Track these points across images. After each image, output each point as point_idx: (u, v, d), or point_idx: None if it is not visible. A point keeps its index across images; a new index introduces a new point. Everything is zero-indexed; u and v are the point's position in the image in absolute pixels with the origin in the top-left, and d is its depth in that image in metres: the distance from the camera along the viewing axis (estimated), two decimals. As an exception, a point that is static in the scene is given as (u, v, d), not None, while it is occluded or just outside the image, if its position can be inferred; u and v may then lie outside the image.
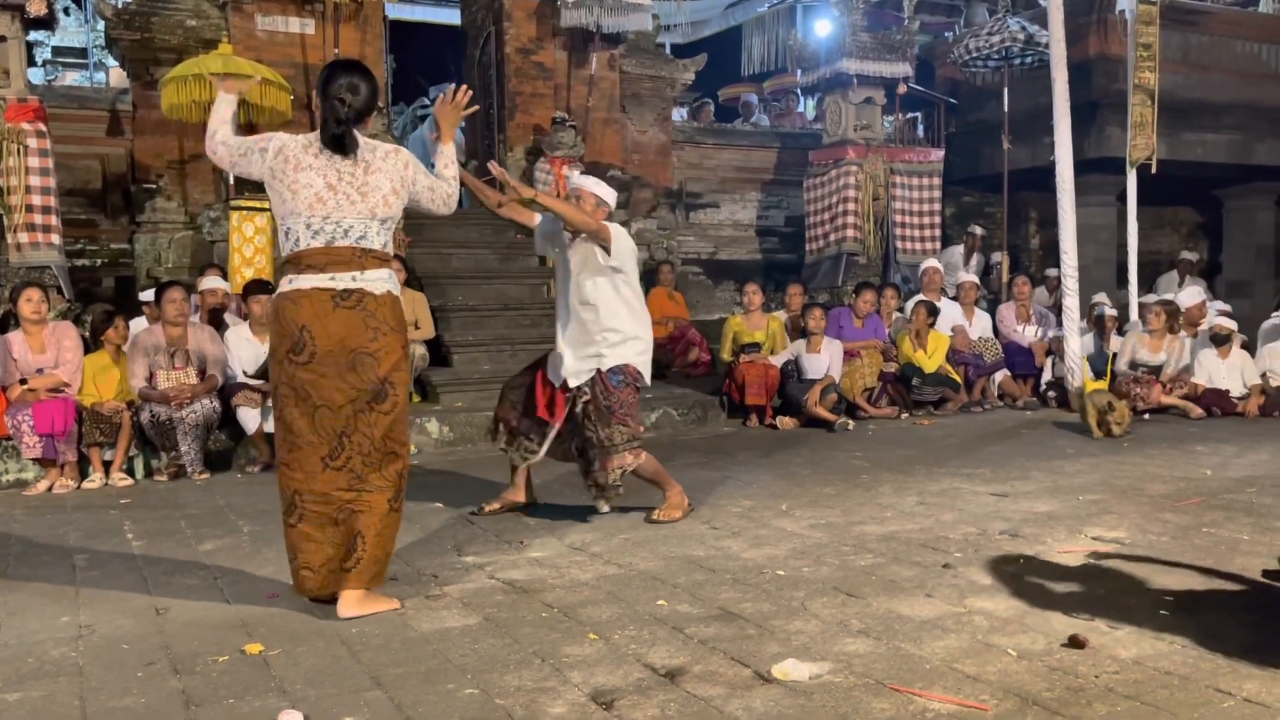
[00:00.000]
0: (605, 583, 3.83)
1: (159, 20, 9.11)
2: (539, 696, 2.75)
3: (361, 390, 3.37)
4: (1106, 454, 6.60)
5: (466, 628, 3.34)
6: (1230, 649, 3.00)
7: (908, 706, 2.64)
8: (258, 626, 3.35)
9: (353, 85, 3.43)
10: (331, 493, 3.39)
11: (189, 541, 4.69)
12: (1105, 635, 3.13)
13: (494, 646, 3.15)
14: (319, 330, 3.33)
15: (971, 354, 9.16)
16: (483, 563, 4.15)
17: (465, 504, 5.22)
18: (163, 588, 3.89)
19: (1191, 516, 4.75)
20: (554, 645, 3.14)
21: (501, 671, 2.93)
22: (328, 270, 3.37)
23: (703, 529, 4.70)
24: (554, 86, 10.80)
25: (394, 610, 3.50)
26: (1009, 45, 10.99)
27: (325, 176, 3.39)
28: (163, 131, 9.10)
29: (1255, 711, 2.57)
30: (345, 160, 3.41)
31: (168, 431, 6.26)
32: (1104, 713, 2.58)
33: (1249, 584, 3.67)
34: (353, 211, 3.40)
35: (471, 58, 11.49)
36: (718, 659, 3.00)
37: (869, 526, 4.68)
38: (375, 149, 3.51)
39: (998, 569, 3.91)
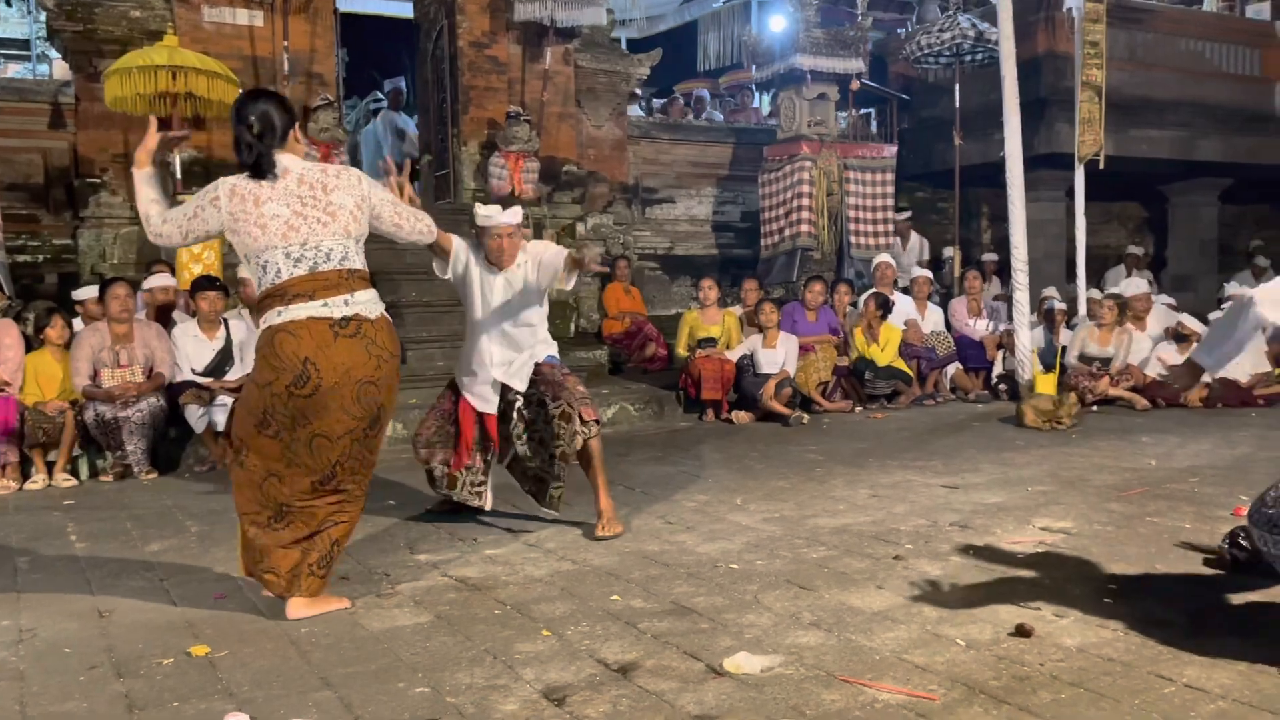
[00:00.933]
0: (559, 579, 3.83)
1: (102, 11, 8.93)
2: (490, 694, 2.74)
3: (361, 420, 3.36)
4: (1055, 446, 6.70)
5: (418, 626, 3.32)
6: (1171, 636, 3.06)
7: (857, 697, 2.66)
8: (204, 628, 3.31)
9: (263, 112, 3.35)
10: (320, 507, 3.42)
11: (135, 543, 4.61)
12: (1051, 624, 3.18)
13: (446, 644, 3.14)
14: (324, 362, 3.25)
15: (924, 348, 9.25)
16: (435, 560, 4.13)
17: (419, 502, 5.19)
18: (107, 590, 3.83)
19: (1136, 506, 4.83)
20: (506, 642, 3.14)
21: (453, 669, 2.92)
22: (318, 297, 3.29)
23: (657, 524, 4.72)
24: (508, 81, 10.74)
25: (344, 609, 3.47)
26: (960, 42, 11.10)
27: (289, 205, 3.31)
28: (107, 125, 8.93)
29: (1195, 697, 2.62)
30: (302, 186, 3.34)
31: (113, 431, 6.15)
32: (1048, 700, 2.62)
33: (1190, 572, 3.73)
34: (328, 234, 3.34)
35: (424, 51, 11.39)
36: (670, 653, 3.01)
37: (822, 519, 4.72)
38: (326, 169, 3.47)
39: (948, 560, 3.96)
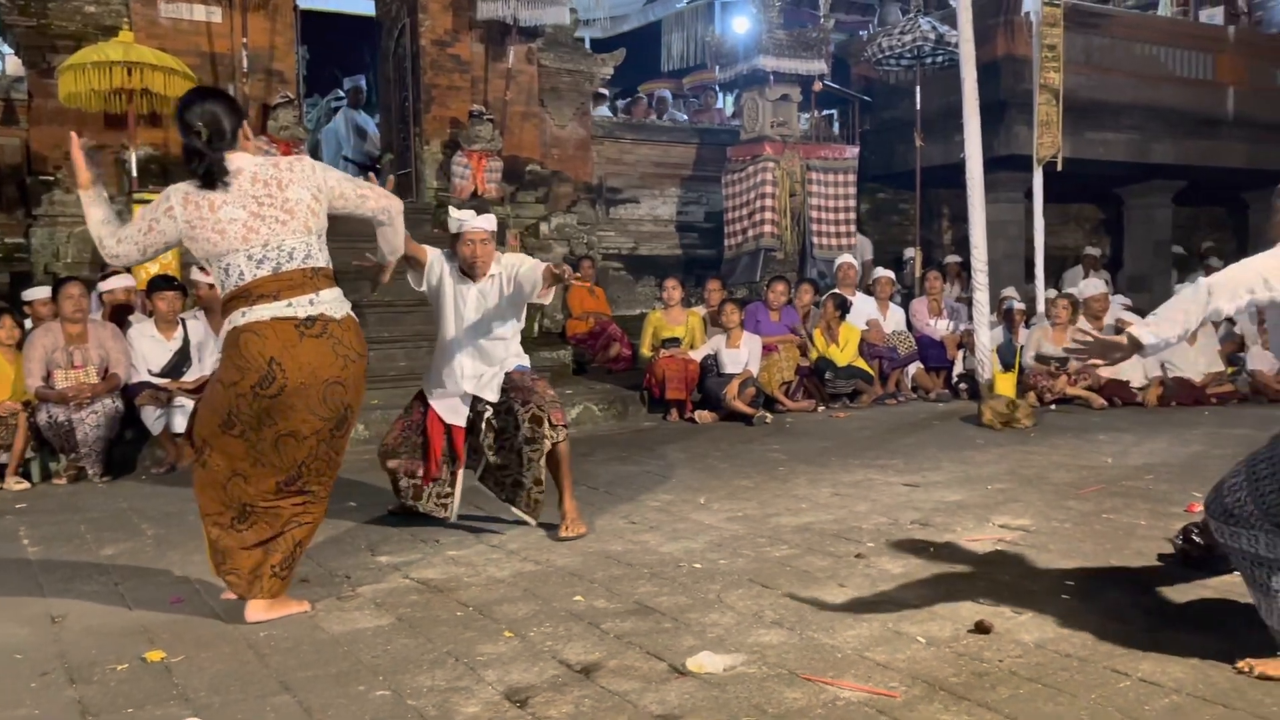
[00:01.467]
0: (522, 580, 3.81)
1: (56, 6, 8.78)
2: (452, 696, 2.72)
3: (328, 420, 3.31)
4: (1014, 444, 6.77)
5: (379, 628, 3.29)
6: (1127, 631, 3.10)
7: (819, 695, 2.67)
8: (160, 633, 3.26)
9: (210, 116, 3.25)
10: (284, 508, 3.37)
11: (89, 546, 4.53)
12: (1010, 620, 3.21)
13: (407, 646, 3.11)
14: (289, 362, 3.20)
15: (886, 347, 9.32)
16: (397, 562, 4.09)
17: (381, 503, 5.15)
18: (60, 594, 3.76)
19: (1093, 504, 4.90)
20: (468, 644, 3.12)
21: (414, 672, 2.90)
22: (282, 297, 3.24)
23: (621, 524, 4.71)
24: (471, 79, 10.70)
25: (304, 612, 3.44)
26: (920, 44, 11.20)
27: (245, 206, 3.24)
28: (60, 121, 8.76)
29: (1149, 691, 2.66)
30: (256, 186, 3.26)
31: (66, 433, 6.05)
32: (1007, 695, 2.64)
33: (1145, 568, 3.78)
34: (287, 232, 3.27)
35: (386, 49, 11.31)
36: (633, 653, 3.01)
37: (784, 518, 4.73)
38: (278, 164, 3.37)
39: (908, 558, 3.99)
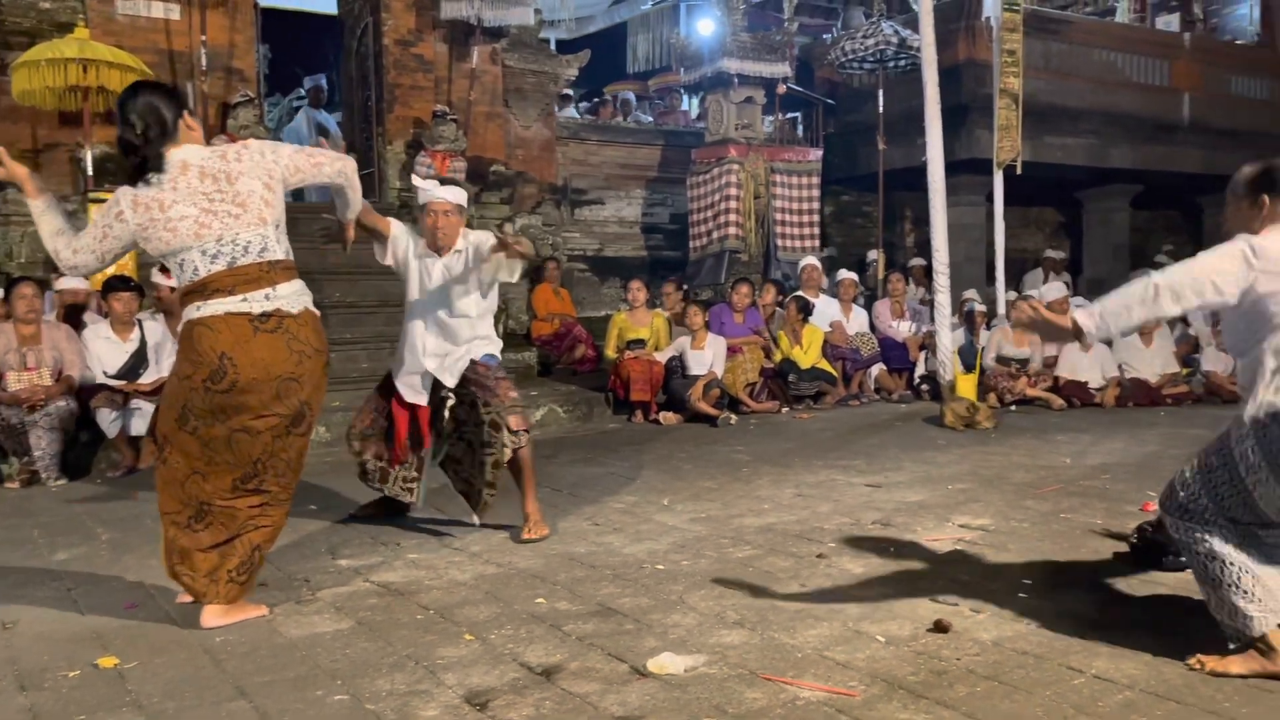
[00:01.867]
0: (484, 582, 3.79)
1: (10, 2, 8.63)
2: (411, 700, 2.70)
3: (284, 417, 3.26)
4: (975, 445, 6.83)
5: (338, 632, 3.26)
6: (1082, 628, 3.13)
7: (779, 695, 2.68)
8: (113, 638, 3.20)
9: (146, 109, 3.19)
10: (240, 509, 3.31)
11: (41, 551, 4.45)
12: (968, 619, 3.23)
13: (366, 650, 3.08)
14: (242, 358, 3.15)
15: (849, 349, 9.37)
16: (358, 565, 4.06)
17: (342, 506, 5.11)
18: (11, 600, 3.68)
19: (1051, 503, 4.95)
20: (429, 647, 3.10)
21: (373, 675, 2.87)
22: (237, 292, 3.18)
23: (584, 525, 4.70)
24: (434, 79, 10.64)
25: (261, 616, 3.39)
26: (883, 48, 11.28)
27: (196, 203, 3.18)
28: (14, 119, 8.61)
29: (1103, 687, 2.69)
30: (205, 181, 3.19)
31: (19, 435, 5.95)
32: (964, 694, 2.66)
33: (1101, 567, 3.82)
34: (241, 225, 3.20)
35: (349, 48, 11.23)
36: (595, 655, 3.00)
37: (747, 519, 4.75)
38: (226, 154, 3.28)
39: (869, 558, 4.01)
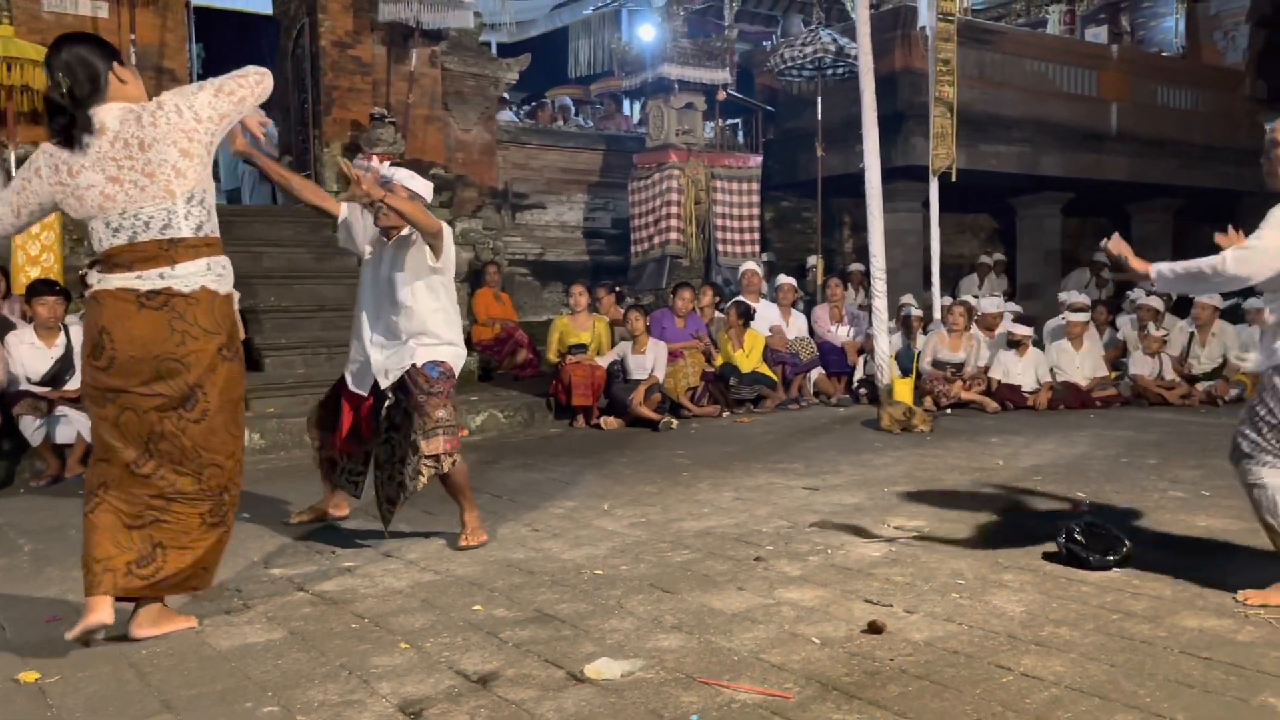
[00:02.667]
0: (420, 590, 3.75)
1: (-67, -2, 8.42)
2: (344, 710, 2.67)
3: (169, 397, 3.09)
4: (911, 448, 6.91)
5: (270, 643, 3.20)
6: (1011, 628, 3.19)
7: (715, 698, 2.69)
8: (35, 652, 3.10)
9: (70, 63, 3.03)
10: (138, 495, 3.12)
11: (-34, 561, 4.34)
12: (902, 620, 3.27)
13: (298, 661, 3.04)
14: (119, 334, 3.05)
15: (788, 353, 9.45)
16: (291, 574, 3.99)
17: (275, 513, 5.02)
18: (-69, 613, 3.59)
19: (985, 505, 5.00)
20: (363, 656, 3.06)
21: (306, 686, 2.83)
22: (134, 268, 3.07)
23: (524, 531, 4.68)
24: (372, 82, 10.55)
25: (190, 628, 3.31)
26: (821, 56, 11.39)
27: (104, 170, 3.04)
28: (-60, 118, 8.40)
29: (1031, 684, 2.74)
30: (115, 146, 3.04)
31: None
32: (896, 693, 2.70)
33: (1031, 567, 3.88)
34: (146, 198, 3.05)
35: (284, 49, 11.09)
36: (531, 661, 2.99)
37: (687, 523, 4.75)
38: (141, 116, 3.06)
39: (806, 560, 4.03)
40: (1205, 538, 4.31)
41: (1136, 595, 3.51)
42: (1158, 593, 3.52)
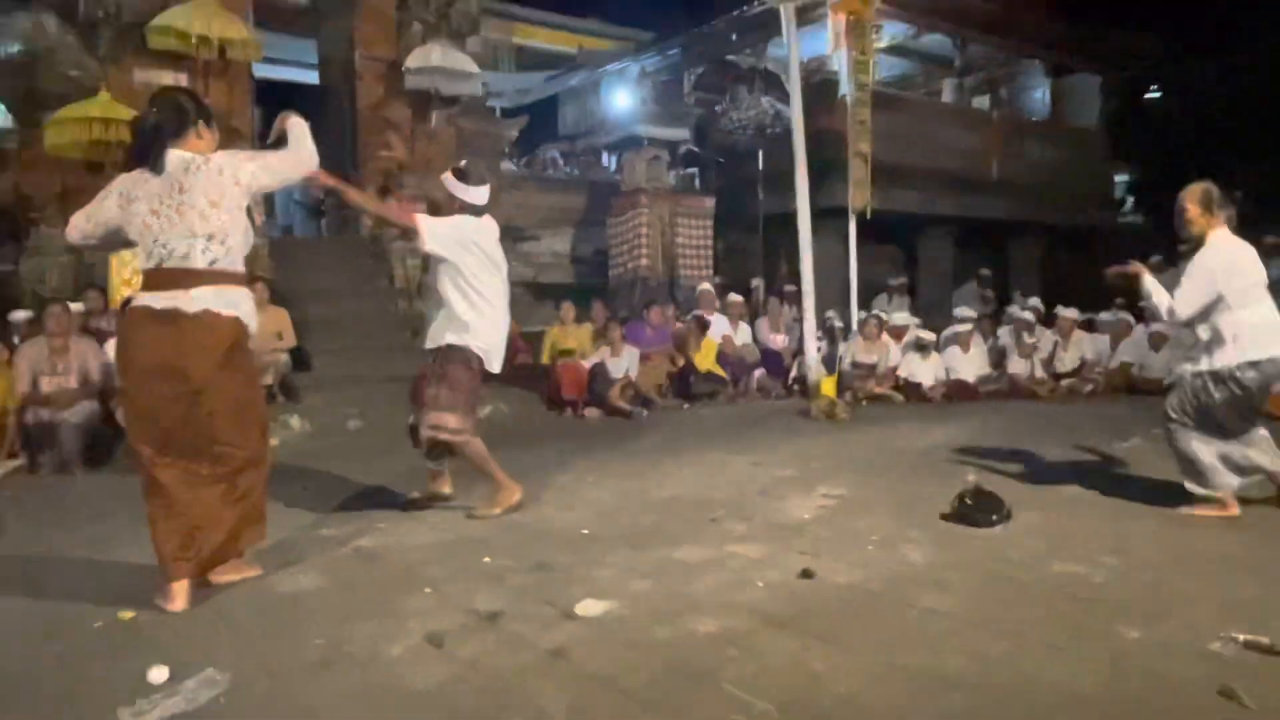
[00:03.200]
0: (441, 547, 3.74)
1: (43, 70, 8.27)
2: (380, 641, 2.67)
3: (175, 401, 2.98)
4: (835, 432, 6.94)
5: (320, 588, 3.20)
6: (914, 573, 3.23)
7: (681, 630, 2.71)
8: (133, 597, 3.09)
9: (168, 103, 3.06)
10: (165, 482, 3.00)
11: (70, 527, 4.29)
12: (828, 568, 3.29)
13: (343, 602, 3.04)
14: (135, 345, 3.00)
15: (736, 357, 9.46)
16: (337, 534, 3.97)
17: (323, 487, 4.97)
18: (45, 568, 3.55)
19: (893, 477, 5.04)
20: (394, 599, 3.06)
21: (348, 623, 2.83)
22: (158, 290, 3.00)
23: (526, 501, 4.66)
24: (401, 138, 10.48)
25: (256, 576, 3.29)
26: (762, 118, 11.47)
27: (150, 204, 3.00)
28: (46, 168, 8.24)
29: (930, 616, 2.78)
30: (164, 185, 3.00)
31: (50, 431, 5.72)
32: (823, 625, 2.73)
33: (931, 525, 3.92)
34: (175, 233, 2.97)
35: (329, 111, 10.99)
36: (531, 602, 3.00)
37: (655, 492, 4.75)
38: (188, 166, 3.02)
39: (752, 520, 4.05)
40: (1069, 500, 4.36)
41: (1014, 547, 3.54)
42: (1031, 545, 3.56)
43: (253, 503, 3.23)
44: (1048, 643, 2.57)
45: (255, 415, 3.23)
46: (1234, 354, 3.71)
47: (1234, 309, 3.73)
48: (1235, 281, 3.74)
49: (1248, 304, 3.74)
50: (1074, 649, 2.53)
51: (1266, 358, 3.70)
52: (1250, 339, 3.70)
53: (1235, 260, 3.76)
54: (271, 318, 7.51)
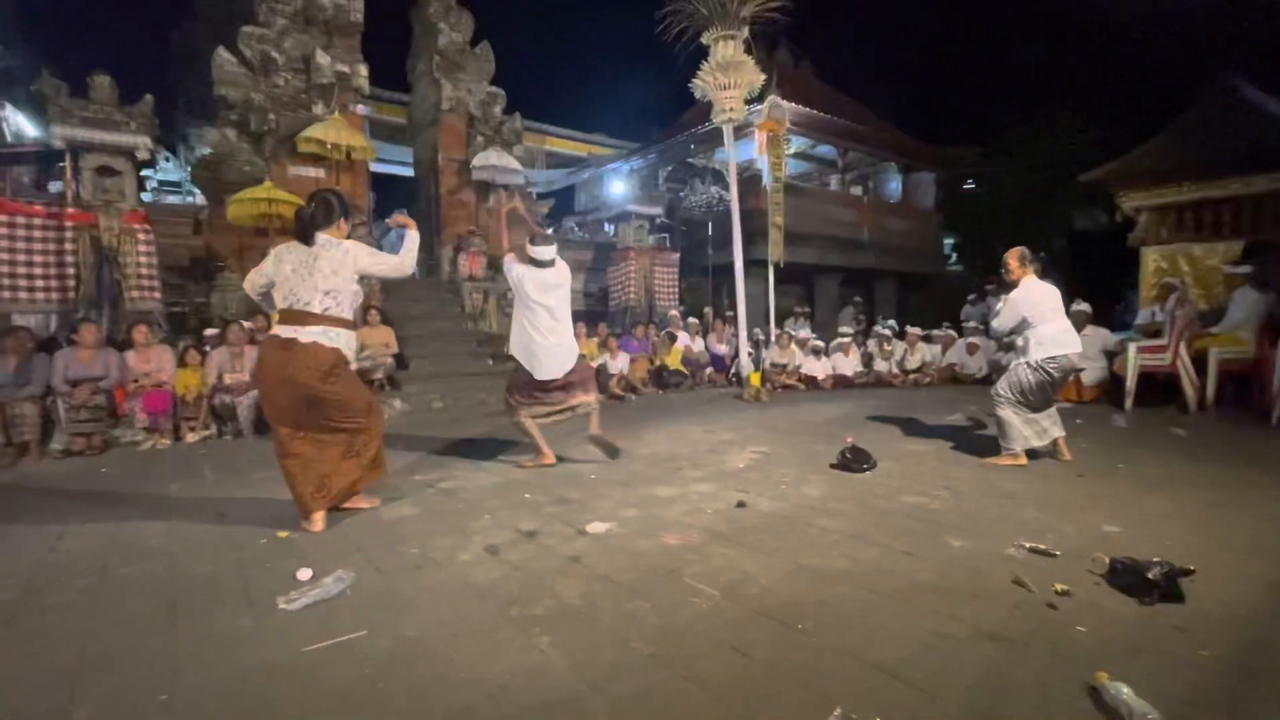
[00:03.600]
0: (497, 487, 3.70)
1: (226, 166, 8.17)
2: (454, 551, 2.65)
3: (295, 399, 2.92)
4: (760, 411, 6.91)
5: (414, 515, 3.17)
6: (813, 503, 3.22)
7: (656, 543, 2.70)
8: (287, 522, 3.07)
9: (323, 200, 3.00)
10: (299, 451, 2.96)
11: (244, 474, 4.22)
12: (756, 499, 3.28)
13: (429, 525, 3.01)
14: (263, 360, 2.94)
15: (694, 360, 9.45)
16: (426, 479, 3.92)
17: (417, 447, 4.89)
18: (227, 501, 3.51)
19: (798, 438, 5.02)
20: (464, 522, 3.03)
21: (433, 539, 2.81)
22: (287, 324, 2.91)
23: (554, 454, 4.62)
24: (469, 212, 10.41)
25: (373, 507, 3.26)
26: (711, 200, 11.47)
27: (292, 265, 2.95)
28: (227, 233, 8.15)
29: (824, 532, 2.78)
30: (306, 254, 2.95)
31: (231, 410, 5.63)
32: (752, 539, 2.72)
33: (823, 471, 3.91)
34: (304, 288, 2.92)
35: (420, 194, 10.93)
36: (557, 524, 2.98)
37: (639, 450, 4.71)
38: (327, 244, 2.97)
39: (704, 468, 4.02)
40: (913, 452, 4.36)
41: (879, 486, 3.53)
42: (890, 484, 3.55)
43: (370, 455, 3.17)
44: (901, 550, 2.58)
45: (359, 404, 3.10)
46: (1042, 352, 3.87)
47: (1040, 325, 3.89)
48: (1039, 308, 3.91)
49: (1049, 321, 3.90)
50: (918, 553, 2.54)
51: (1062, 354, 3.86)
52: (1052, 342, 3.87)
53: (1039, 295, 3.92)
54: (382, 333, 7.43)
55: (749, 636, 1.97)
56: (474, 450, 4.79)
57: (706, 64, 7.43)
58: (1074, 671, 1.77)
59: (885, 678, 1.76)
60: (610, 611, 2.13)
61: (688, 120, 15.19)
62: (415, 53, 10.73)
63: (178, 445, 5.39)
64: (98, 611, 2.24)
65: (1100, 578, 2.25)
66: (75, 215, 6.60)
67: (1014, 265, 3.98)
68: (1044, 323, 3.88)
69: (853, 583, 2.30)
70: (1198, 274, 7.06)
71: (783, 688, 1.73)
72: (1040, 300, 3.90)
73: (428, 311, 9.34)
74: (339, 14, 8.67)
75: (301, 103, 8.55)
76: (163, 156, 13.57)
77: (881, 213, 15.07)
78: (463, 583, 2.38)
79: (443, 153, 10.30)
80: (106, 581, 2.45)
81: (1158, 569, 2.16)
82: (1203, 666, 1.79)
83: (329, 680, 1.81)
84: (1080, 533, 2.70)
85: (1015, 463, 3.90)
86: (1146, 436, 4.66)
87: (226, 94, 8.26)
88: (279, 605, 2.22)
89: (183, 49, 15.18)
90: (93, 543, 2.87)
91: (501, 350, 8.86)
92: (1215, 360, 5.77)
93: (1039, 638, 1.93)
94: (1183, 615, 2.03)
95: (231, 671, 1.86)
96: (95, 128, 6.67)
